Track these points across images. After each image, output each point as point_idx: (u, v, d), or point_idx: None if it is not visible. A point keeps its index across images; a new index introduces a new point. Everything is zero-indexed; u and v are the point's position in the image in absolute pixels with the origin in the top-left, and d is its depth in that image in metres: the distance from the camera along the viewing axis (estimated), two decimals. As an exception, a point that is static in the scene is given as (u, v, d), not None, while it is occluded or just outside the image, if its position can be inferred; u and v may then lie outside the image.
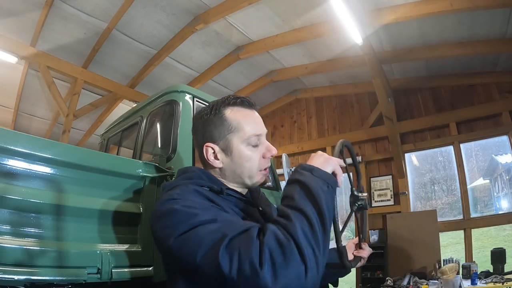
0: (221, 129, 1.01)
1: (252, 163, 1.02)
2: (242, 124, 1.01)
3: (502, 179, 7.32)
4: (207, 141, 1.02)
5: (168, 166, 1.82)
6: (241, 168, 1.02)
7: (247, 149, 1.01)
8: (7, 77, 4.84)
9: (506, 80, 4.68)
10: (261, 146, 1.04)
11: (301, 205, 0.82)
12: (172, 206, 0.86)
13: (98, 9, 4.08)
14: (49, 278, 1.21)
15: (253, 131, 1.01)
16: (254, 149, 1.02)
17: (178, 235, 0.82)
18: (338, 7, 3.44)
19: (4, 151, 1.20)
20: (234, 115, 1.02)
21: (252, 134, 1.01)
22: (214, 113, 1.02)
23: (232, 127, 1.01)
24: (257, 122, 1.05)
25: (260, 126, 1.05)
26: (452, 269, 3.39)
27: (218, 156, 1.02)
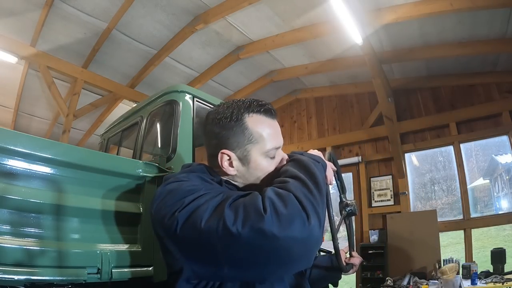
0: (241, 138, 0.96)
1: (267, 178, 0.99)
2: (264, 136, 0.96)
3: (502, 179, 7.33)
4: (223, 148, 0.97)
5: (168, 166, 1.82)
6: (254, 178, 0.99)
7: (265, 161, 0.98)
8: (7, 77, 4.85)
9: (506, 80, 4.68)
10: (278, 157, 1.01)
11: (295, 173, 0.86)
12: (176, 185, 0.86)
13: (98, 9, 4.08)
14: (49, 278, 1.21)
15: (274, 145, 0.98)
16: (271, 161, 0.99)
17: (182, 208, 0.80)
18: (338, 7, 3.44)
19: (4, 151, 1.20)
20: (256, 124, 0.96)
21: (272, 148, 0.97)
22: (236, 119, 0.96)
23: (253, 138, 0.96)
24: (278, 134, 1.01)
25: (280, 138, 1.01)
26: (452, 269, 3.39)
27: (233, 164, 0.97)
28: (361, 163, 5.56)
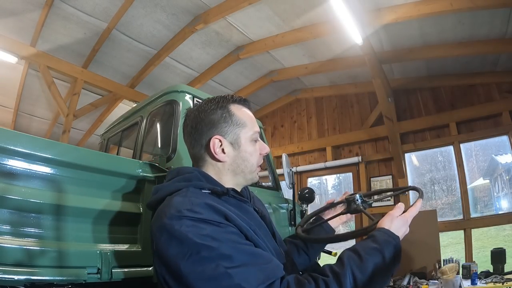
0: (229, 123, 1.03)
1: (254, 159, 1.07)
2: (247, 121, 1.06)
3: (502, 179, 7.32)
4: (215, 134, 1.02)
5: (168, 166, 1.82)
6: (245, 163, 1.05)
7: (251, 145, 1.06)
8: (7, 77, 4.84)
9: (506, 80, 4.68)
10: (258, 143, 1.09)
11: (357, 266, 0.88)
12: (185, 232, 0.82)
13: (98, 9, 4.08)
14: (49, 278, 1.21)
15: (256, 129, 1.07)
16: (255, 145, 1.07)
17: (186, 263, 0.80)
18: (338, 7, 3.44)
19: (4, 151, 1.20)
20: (239, 111, 1.06)
21: (255, 131, 1.06)
22: (222, 106, 1.04)
23: (240, 123, 1.04)
24: (255, 121, 1.11)
25: (257, 125, 1.11)
26: (452, 269, 3.39)
27: (225, 150, 1.03)
28: (361, 163, 5.56)
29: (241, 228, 0.88)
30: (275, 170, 2.93)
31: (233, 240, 0.84)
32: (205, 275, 0.78)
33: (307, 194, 3.03)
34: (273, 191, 2.78)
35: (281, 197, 2.89)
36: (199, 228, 0.83)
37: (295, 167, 5.97)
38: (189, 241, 0.81)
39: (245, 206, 1.05)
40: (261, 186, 2.75)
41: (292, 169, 2.83)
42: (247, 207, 1.06)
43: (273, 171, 2.88)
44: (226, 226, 0.86)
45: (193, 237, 0.81)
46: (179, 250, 0.81)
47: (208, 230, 0.83)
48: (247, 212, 1.03)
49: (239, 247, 0.83)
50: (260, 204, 1.22)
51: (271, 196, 2.68)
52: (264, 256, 0.85)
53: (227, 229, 0.86)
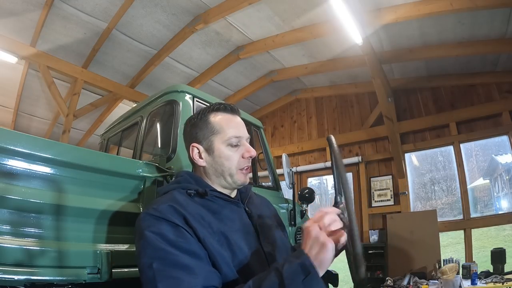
0: (205, 131, 1.13)
1: (232, 162, 1.11)
2: (224, 127, 1.12)
3: (502, 179, 7.33)
4: (193, 142, 1.15)
5: (168, 166, 1.82)
6: (221, 167, 1.12)
7: (227, 149, 1.12)
8: (7, 77, 4.85)
9: (506, 80, 4.68)
10: (242, 147, 1.13)
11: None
12: (145, 230, 0.94)
13: (98, 9, 4.08)
14: (49, 278, 1.21)
15: (233, 133, 1.12)
16: (234, 149, 1.12)
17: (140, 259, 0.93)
18: (338, 7, 3.44)
19: (4, 151, 1.20)
20: (217, 119, 1.14)
21: (232, 136, 1.12)
22: (200, 117, 1.15)
23: (215, 130, 1.12)
24: (238, 126, 1.15)
25: (240, 130, 1.14)
26: (452, 269, 3.39)
27: (202, 156, 1.13)
28: (361, 163, 5.56)
29: (197, 232, 0.94)
30: (275, 170, 2.93)
31: (177, 245, 0.90)
32: (142, 264, 0.91)
33: (307, 194, 3.04)
34: (273, 191, 2.78)
35: (281, 197, 2.89)
36: (154, 225, 0.94)
37: (295, 167, 5.97)
38: (143, 235, 0.93)
39: (227, 208, 1.10)
40: (261, 186, 2.75)
41: (292, 169, 2.84)
42: (232, 209, 1.11)
43: (273, 171, 2.88)
44: (178, 227, 0.93)
45: (147, 232, 0.93)
46: (137, 240, 0.97)
47: (161, 228, 0.93)
48: (225, 215, 1.07)
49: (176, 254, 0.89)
50: (260, 206, 1.24)
51: (271, 196, 2.68)
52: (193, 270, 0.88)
53: (179, 230, 0.93)
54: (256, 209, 1.19)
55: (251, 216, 1.14)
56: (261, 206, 1.25)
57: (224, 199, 1.11)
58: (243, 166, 1.13)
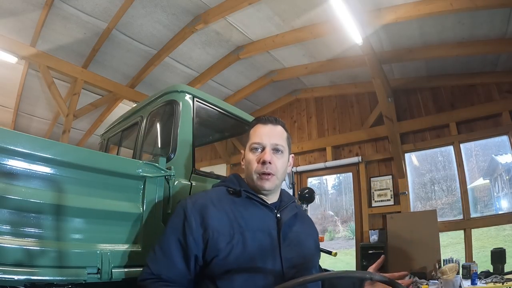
0: (246, 141, 1.33)
1: (251, 166, 1.25)
2: (251, 135, 1.30)
3: (502, 179, 7.33)
4: (242, 148, 1.37)
5: (168, 166, 1.82)
6: (247, 170, 1.28)
7: (249, 154, 1.27)
8: (7, 77, 4.85)
9: (506, 80, 4.68)
10: (262, 153, 1.25)
11: None
12: (172, 213, 1.25)
13: (98, 9, 4.08)
14: (49, 278, 1.21)
15: (255, 140, 1.27)
16: (254, 154, 1.26)
17: None
18: (338, 7, 3.44)
19: (4, 151, 1.20)
20: (252, 130, 1.32)
21: (253, 142, 1.27)
22: (247, 130, 1.36)
23: (248, 139, 1.31)
24: (262, 134, 1.27)
25: (264, 137, 1.26)
26: (452, 269, 3.39)
27: (243, 160, 1.33)
28: (361, 163, 5.56)
29: (209, 229, 1.13)
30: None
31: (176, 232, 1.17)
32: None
33: (307, 194, 3.04)
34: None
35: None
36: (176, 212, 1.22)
37: (295, 167, 5.97)
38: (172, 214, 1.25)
39: (258, 209, 1.23)
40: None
41: (292, 169, 2.83)
42: (261, 211, 1.23)
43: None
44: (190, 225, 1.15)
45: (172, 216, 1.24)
46: None
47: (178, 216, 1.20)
48: (252, 213, 1.21)
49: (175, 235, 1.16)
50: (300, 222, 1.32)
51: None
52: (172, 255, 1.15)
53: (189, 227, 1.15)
54: (288, 218, 1.25)
55: (279, 222, 1.21)
56: (297, 218, 1.32)
57: (257, 201, 1.23)
58: (260, 171, 1.23)
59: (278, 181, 1.27)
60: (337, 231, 12.09)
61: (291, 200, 1.34)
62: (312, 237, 1.36)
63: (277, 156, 1.26)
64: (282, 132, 1.32)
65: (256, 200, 1.23)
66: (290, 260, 1.16)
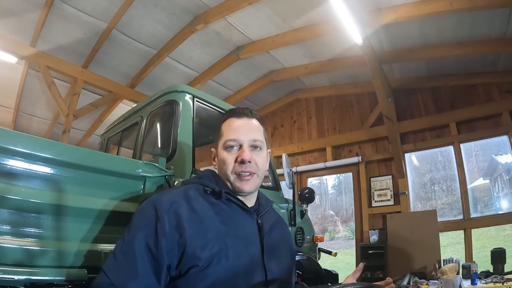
0: (216, 137, 1.18)
1: (227, 166, 1.10)
2: (224, 130, 1.15)
3: (502, 179, 7.33)
4: (213, 146, 1.21)
5: (168, 166, 1.82)
6: (221, 170, 1.14)
7: (224, 153, 1.12)
8: (7, 77, 4.85)
9: (506, 80, 4.68)
10: (239, 151, 1.11)
11: None
12: (138, 207, 1.07)
13: (98, 9, 4.08)
14: (49, 278, 1.21)
15: (230, 136, 1.12)
16: (230, 153, 1.11)
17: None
18: (338, 7, 3.44)
19: (4, 151, 1.20)
20: (224, 124, 1.17)
21: (228, 139, 1.12)
22: (218, 125, 1.20)
23: (219, 135, 1.16)
24: (238, 129, 1.13)
25: (240, 132, 1.12)
26: (452, 269, 3.39)
27: (215, 159, 1.19)
28: (361, 163, 5.56)
29: (185, 233, 0.95)
30: (275, 170, 2.92)
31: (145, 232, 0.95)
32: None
33: (307, 194, 3.04)
34: (273, 191, 2.78)
35: (281, 197, 2.89)
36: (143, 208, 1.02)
37: (295, 167, 5.97)
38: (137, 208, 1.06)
39: (239, 214, 1.09)
40: (261, 186, 2.75)
41: (292, 169, 2.83)
42: (243, 216, 1.10)
43: (273, 171, 2.88)
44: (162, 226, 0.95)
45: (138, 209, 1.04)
46: None
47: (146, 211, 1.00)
48: (233, 220, 1.07)
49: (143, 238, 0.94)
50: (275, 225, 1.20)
51: (271, 196, 2.68)
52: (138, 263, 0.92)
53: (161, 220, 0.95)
54: (269, 224, 1.16)
55: (261, 229, 1.11)
56: (276, 225, 1.21)
57: (238, 204, 1.10)
58: (238, 171, 1.09)
59: (259, 181, 1.15)
60: (337, 231, 12.10)
61: (269, 203, 1.23)
62: (287, 243, 1.27)
63: (256, 153, 1.12)
64: (258, 126, 1.18)
65: (237, 204, 1.10)
66: (272, 271, 1.06)
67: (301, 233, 3.00)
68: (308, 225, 3.26)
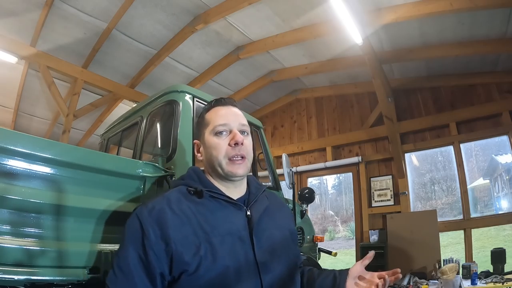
0: (200, 127, 1.19)
1: (218, 151, 1.10)
2: (211, 118, 1.16)
3: (502, 179, 7.33)
4: (195, 139, 1.23)
5: (168, 166, 1.82)
6: (211, 157, 1.13)
7: (214, 138, 1.12)
8: (7, 77, 4.84)
9: (506, 80, 4.68)
10: (230, 135, 1.12)
11: None
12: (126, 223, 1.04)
13: (98, 9, 4.08)
14: (49, 278, 1.21)
15: (219, 122, 1.13)
16: (220, 138, 1.12)
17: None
18: (338, 7, 3.44)
19: (4, 151, 1.20)
20: (209, 113, 1.18)
21: (217, 124, 1.12)
22: (200, 116, 1.22)
23: (205, 124, 1.17)
24: (226, 115, 1.15)
25: (229, 118, 1.14)
26: (452, 269, 3.39)
27: (200, 150, 1.19)
28: (361, 163, 5.56)
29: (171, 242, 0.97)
30: (275, 170, 2.92)
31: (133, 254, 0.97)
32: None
33: (307, 194, 3.04)
34: (273, 191, 2.78)
35: (281, 197, 2.89)
36: (130, 223, 1.02)
37: (295, 167, 5.97)
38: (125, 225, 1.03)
39: (224, 210, 1.08)
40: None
41: (292, 169, 2.84)
42: (229, 211, 1.09)
43: (273, 171, 2.88)
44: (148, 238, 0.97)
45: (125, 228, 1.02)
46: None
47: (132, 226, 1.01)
48: (218, 217, 1.06)
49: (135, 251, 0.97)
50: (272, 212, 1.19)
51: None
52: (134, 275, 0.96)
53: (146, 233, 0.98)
54: (258, 214, 1.13)
55: (250, 221, 1.09)
56: (268, 211, 1.18)
57: (223, 199, 1.08)
58: (231, 154, 1.10)
59: (249, 165, 1.15)
60: (337, 231, 12.10)
61: (260, 190, 1.20)
62: (286, 228, 1.23)
63: (244, 137, 1.14)
64: (242, 113, 1.20)
65: (221, 199, 1.09)
66: (265, 264, 1.05)
67: (301, 233, 3.00)
68: (308, 225, 3.26)
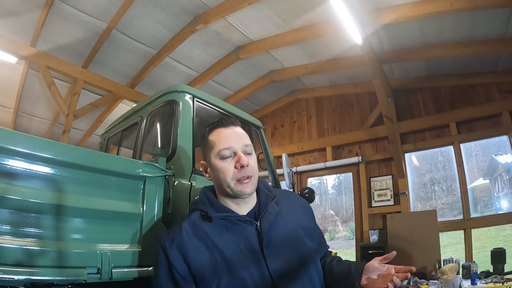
0: (205, 149, 1.25)
1: (225, 174, 1.17)
2: (215, 142, 1.21)
3: (502, 179, 7.32)
4: (202, 160, 1.29)
5: (168, 166, 1.82)
6: (219, 179, 1.19)
7: (220, 162, 1.18)
8: (7, 77, 4.84)
9: (506, 80, 4.68)
10: (235, 158, 1.18)
11: None
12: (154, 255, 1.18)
13: (98, 9, 4.08)
14: (49, 278, 1.21)
15: (223, 146, 1.18)
16: (226, 162, 1.18)
17: None
18: (338, 7, 3.44)
19: (4, 151, 1.20)
20: (212, 135, 1.23)
21: (221, 148, 1.18)
22: (203, 136, 1.27)
23: (210, 146, 1.22)
24: (228, 138, 1.20)
25: (231, 140, 1.20)
26: (452, 269, 3.39)
27: (208, 171, 1.26)
28: (361, 163, 5.56)
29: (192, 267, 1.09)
30: (275, 170, 2.92)
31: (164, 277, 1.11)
32: None
33: (307, 194, 3.03)
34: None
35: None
36: (157, 252, 1.15)
37: (295, 167, 5.97)
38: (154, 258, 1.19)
39: (234, 229, 1.16)
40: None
41: (292, 169, 2.84)
42: (239, 229, 1.16)
43: (273, 171, 2.88)
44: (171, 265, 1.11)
45: (155, 256, 1.16)
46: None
47: (160, 257, 1.13)
48: (229, 237, 1.15)
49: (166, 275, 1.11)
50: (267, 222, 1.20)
51: (271, 196, 2.67)
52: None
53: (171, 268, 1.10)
54: (268, 224, 1.18)
55: (260, 234, 1.15)
56: (286, 215, 1.24)
57: (233, 220, 1.16)
58: (238, 177, 1.16)
59: (256, 182, 1.22)
60: (337, 231, 12.08)
61: (270, 197, 1.26)
62: (300, 226, 1.26)
63: (248, 157, 1.20)
64: (244, 132, 1.26)
65: (234, 220, 1.17)
66: (278, 270, 1.11)
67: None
68: (308, 225, 3.25)
